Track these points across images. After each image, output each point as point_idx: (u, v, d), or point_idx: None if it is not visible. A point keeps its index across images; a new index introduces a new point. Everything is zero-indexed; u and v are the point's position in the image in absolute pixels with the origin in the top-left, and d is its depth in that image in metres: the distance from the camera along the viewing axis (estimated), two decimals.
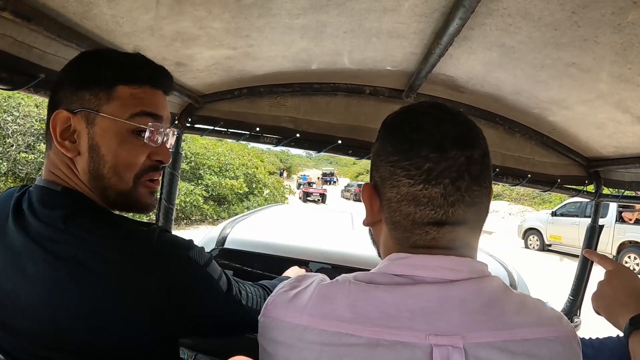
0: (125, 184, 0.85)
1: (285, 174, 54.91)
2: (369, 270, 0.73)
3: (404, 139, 0.70)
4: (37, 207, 0.79)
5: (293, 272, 1.49)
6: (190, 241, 0.85)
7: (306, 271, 1.48)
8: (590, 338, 1.03)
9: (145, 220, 0.87)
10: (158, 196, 2.20)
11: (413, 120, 0.73)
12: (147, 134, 0.85)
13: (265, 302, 0.76)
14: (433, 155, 0.66)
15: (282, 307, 0.71)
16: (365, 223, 0.80)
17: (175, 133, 1.03)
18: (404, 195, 0.68)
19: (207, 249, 2.22)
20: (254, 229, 2.58)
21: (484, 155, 0.70)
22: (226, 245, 2.25)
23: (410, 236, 0.70)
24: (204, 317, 0.86)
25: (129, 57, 0.89)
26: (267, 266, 2.04)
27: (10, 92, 1.07)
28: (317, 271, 2.10)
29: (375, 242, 0.83)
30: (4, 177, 10.90)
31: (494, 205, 26.36)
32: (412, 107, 0.77)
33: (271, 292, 1.03)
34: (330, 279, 0.75)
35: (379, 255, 0.80)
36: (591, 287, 1.12)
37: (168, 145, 0.94)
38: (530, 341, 0.63)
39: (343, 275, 0.72)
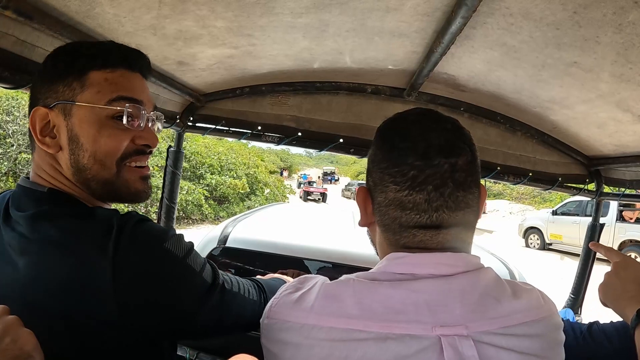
0: (108, 171, 0.82)
1: (285, 174, 54.94)
2: (370, 268, 0.75)
3: (392, 146, 0.75)
4: (18, 207, 0.78)
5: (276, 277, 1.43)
6: (168, 231, 0.78)
7: (294, 275, 1.43)
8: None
9: (143, 215, 0.82)
10: (161, 191, 2.20)
11: (402, 129, 0.77)
12: (125, 118, 0.81)
13: (269, 305, 0.77)
14: (418, 163, 0.70)
15: (287, 308, 0.72)
16: (361, 224, 0.84)
17: (162, 118, 0.97)
18: (391, 200, 0.73)
19: (209, 248, 2.25)
20: (255, 228, 2.59)
21: (470, 162, 0.73)
22: (228, 244, 2.25)
23: (400, 238, 0.74)
24: (187, 312, 0.78)
25: (101, 44, 0.85)
26: (268, 265, 2.04)
27: (11, 92, 1.07)
28: (318, 270, 2.10)
29: (372, 242, 0.86)
30: (4, 177, 10.91)
31: (494, 204, 26.38)
32: (402, 114, 0.80)
33: (261, 285, 1.01)
34: (332, 277, 0.77)
35: (377, 255, 0.83)
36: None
37: (155, 129, 0.91)
38: (527, 323, 0.69)
39: (345, 275, 0.74)
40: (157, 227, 0.77)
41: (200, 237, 2.43)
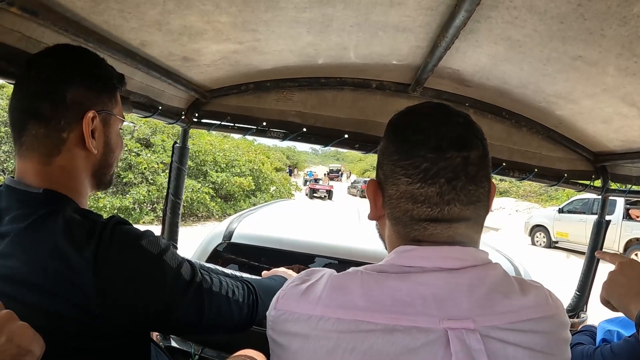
0: (115, 166, 1.03)
1: (293, 171, 54.98)
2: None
3: (404, 139, 0.74)
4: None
5: (280, 272, 1.43)
6: (145, 231, 0.86)
7: (298, 270, 1.42)
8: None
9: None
10: (165, 191, 2.22)
11: (414, 121, 0.77)
12: (121, 130, 1.03)
13: (276, 297, 0.77)
14: (430, 155, 0.70)
15: (294, 299, 0.72)
16: (370, 217, 0.84)
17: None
18: (403, 192, 0.73)
19: (214, 244, 2.26)
20: (260, 224, 2.60)
21: (482, 156, 0.73)
22: (233, 240, 2.27)
23: (410, 231, 0.74)
24: (163, 306, 0.84)
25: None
26: (273, 260, 2.05)
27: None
28: (324, 266, 2.11)
29: (381, 236, 0.86)
30: (11, 175, 10.98)
31: (500, 202, 26.24)
32: (415, 107, 0.81)
33: (252, 287, 1.04)
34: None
35: (386, 249, 0.83)
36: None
37: None
38: (534, 320, 0.69)
39: (353, 267, 0.74)
40: (134, 228, 0.85)
41: (206, 233, 2.45)
